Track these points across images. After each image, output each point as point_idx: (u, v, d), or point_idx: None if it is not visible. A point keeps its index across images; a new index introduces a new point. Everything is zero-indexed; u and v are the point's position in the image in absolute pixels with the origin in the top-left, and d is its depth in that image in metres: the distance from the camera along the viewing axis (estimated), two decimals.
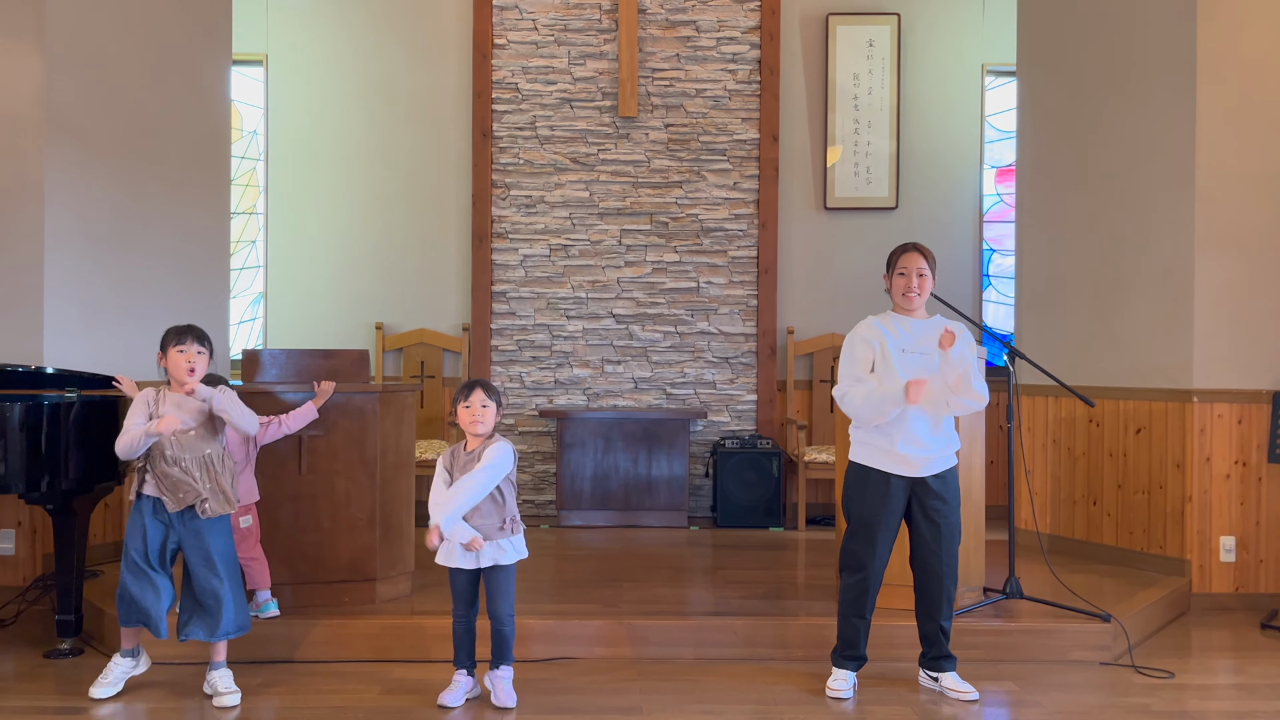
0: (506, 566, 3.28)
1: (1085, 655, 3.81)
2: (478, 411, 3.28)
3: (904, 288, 3.42)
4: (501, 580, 3.27)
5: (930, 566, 3.40)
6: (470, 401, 3.29)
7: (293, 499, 3.97)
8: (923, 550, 3.41)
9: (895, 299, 3.47)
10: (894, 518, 3.40)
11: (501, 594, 3.27)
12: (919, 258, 3.42)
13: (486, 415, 3.28)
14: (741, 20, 6.32)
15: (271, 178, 6.46)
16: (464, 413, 3.30)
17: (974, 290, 6.49)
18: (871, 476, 3.39)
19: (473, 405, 3.28)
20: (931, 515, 3.38)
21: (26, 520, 4.54)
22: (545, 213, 6.33)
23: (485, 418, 3.28)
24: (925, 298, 3.46)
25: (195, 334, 3.33)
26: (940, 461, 3.41)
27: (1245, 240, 4.61)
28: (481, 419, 3.27)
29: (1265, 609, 4.54)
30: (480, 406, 3.28)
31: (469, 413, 3.29)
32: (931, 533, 3.39)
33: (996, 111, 6.53)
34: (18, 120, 4.51)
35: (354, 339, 6.34)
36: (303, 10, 6.39)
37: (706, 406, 6.32)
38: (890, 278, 3.46)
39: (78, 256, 4.66)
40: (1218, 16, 4.60)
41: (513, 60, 6.30)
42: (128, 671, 3.41)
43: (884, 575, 3.44)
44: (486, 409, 3.28)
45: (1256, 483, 4.64)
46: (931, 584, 3.41)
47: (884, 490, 3.37)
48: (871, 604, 3.42)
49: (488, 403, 3.29)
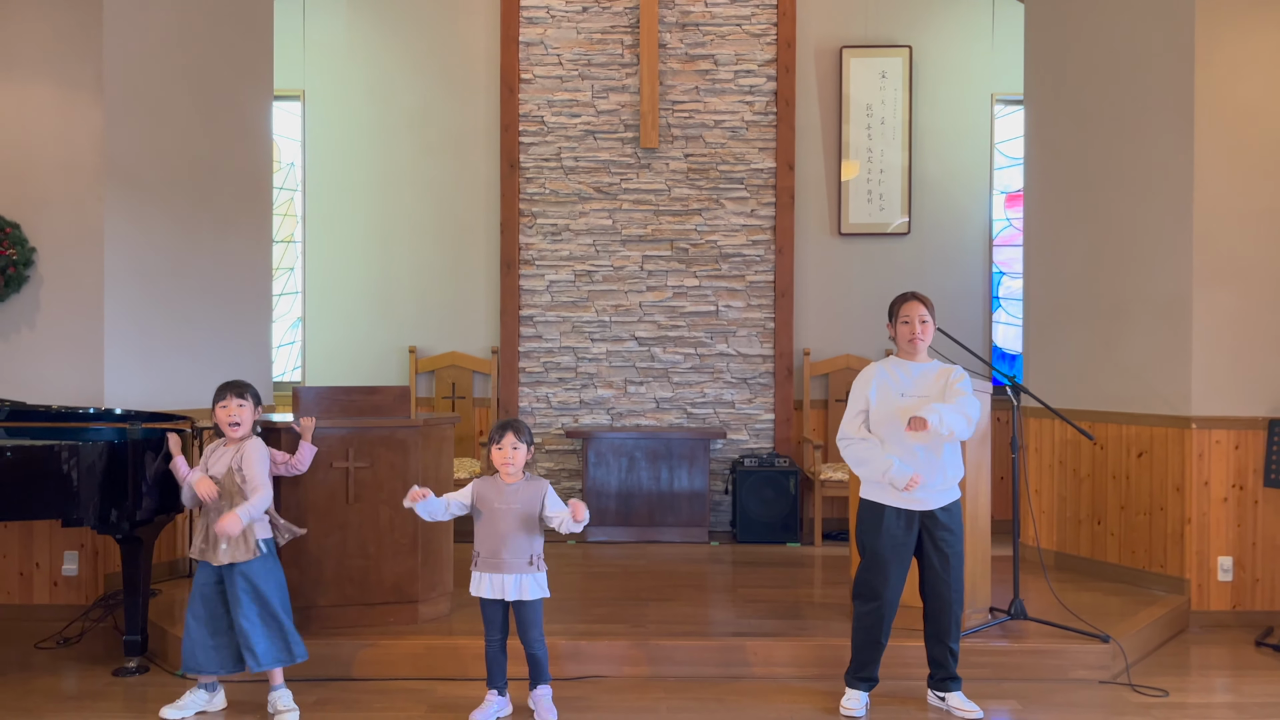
0: (531, 601, 3.55)
1: (1085, 674, 4.04)
2: (509, 454, 3.54)
3: (908, 335, 3.66)
4: (529, 611, 3.55)
5: (940, 594, 3.64)
6: (502, 444, 3.55)
7: (341, 527, 4.25)
8: (932, 578, 3.65)
9: (900, 345, 3.71)
10: (905, 550, 3.63)
11: (530, 623, 3.55)
12: (919, 306, 3.66)
13: (516, 457, 3.55)
14: (758, 54, 6.56)
15: (309, 207, 6.75)
16: (496, 454, 3.56)
17: (984, 312, 6.71)
18: (884, 512, 3.63)
19: (504, 448, 3.55)
20: (940, 546, 3.62)
21: (89, 543, 4.85)
22: (570, 240, 6.59)
23: (515, 459, 3.55)
24: (928, 341, 3.71)
25: (234, 389, 3.69)
26: (946, 495, 3.65)
27: (1241, 274, 4.82)
28: (512, 460, 3.55)
29: (1261, 626, 4.75)
30: (511, 449, 3.54)
31: (501, 454, 3.55)
32: (940, 562, 3.63)
33: (1005, 139, 6.75)
34: (79, 169, 4.81)
35: (388, 361, 6.63)
36: (338, 47, 6.68)
37: (726, 426, 6.57)
38: (894, 326, 3.71)
39: (134, 296, 4.96)
40: (1215, 61, 4.80)
41: (539, 94, 6.57)
42: (200, 705, 3.68)
43: (896, 604, 3.67)
44: (517, 450, 3.55)
45: (1253, 505, 4.86)
46: (941, 610, 3.65)
47: (895, 524, 3.61)
48: (887, 631, 3.65)
49: (518, 444, 3.55)
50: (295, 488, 4.16)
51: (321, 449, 4.15)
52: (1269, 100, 4.82)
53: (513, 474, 3.57)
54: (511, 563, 3.52)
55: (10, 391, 4.71)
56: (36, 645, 4.43)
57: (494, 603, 3.57)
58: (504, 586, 3.52)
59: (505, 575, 3.52)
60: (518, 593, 3.52)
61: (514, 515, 3.53)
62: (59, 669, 4.18)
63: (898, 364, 3.70)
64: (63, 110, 4.81)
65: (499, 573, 3.52)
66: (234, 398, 3.67)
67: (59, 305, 4.81)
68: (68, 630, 4.54)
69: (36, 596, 4.83)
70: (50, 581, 4.84)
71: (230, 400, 3.66)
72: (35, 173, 4.80)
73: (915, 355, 3.70)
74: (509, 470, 3.56)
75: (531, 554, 3.55)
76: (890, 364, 3.71)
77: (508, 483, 3.58)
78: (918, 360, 3.70)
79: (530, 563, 3.54)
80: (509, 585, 3.52)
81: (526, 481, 3.58)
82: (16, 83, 4.80)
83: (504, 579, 3.52)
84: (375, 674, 4.02)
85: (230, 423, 3.65)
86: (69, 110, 4.81)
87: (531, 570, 3.54)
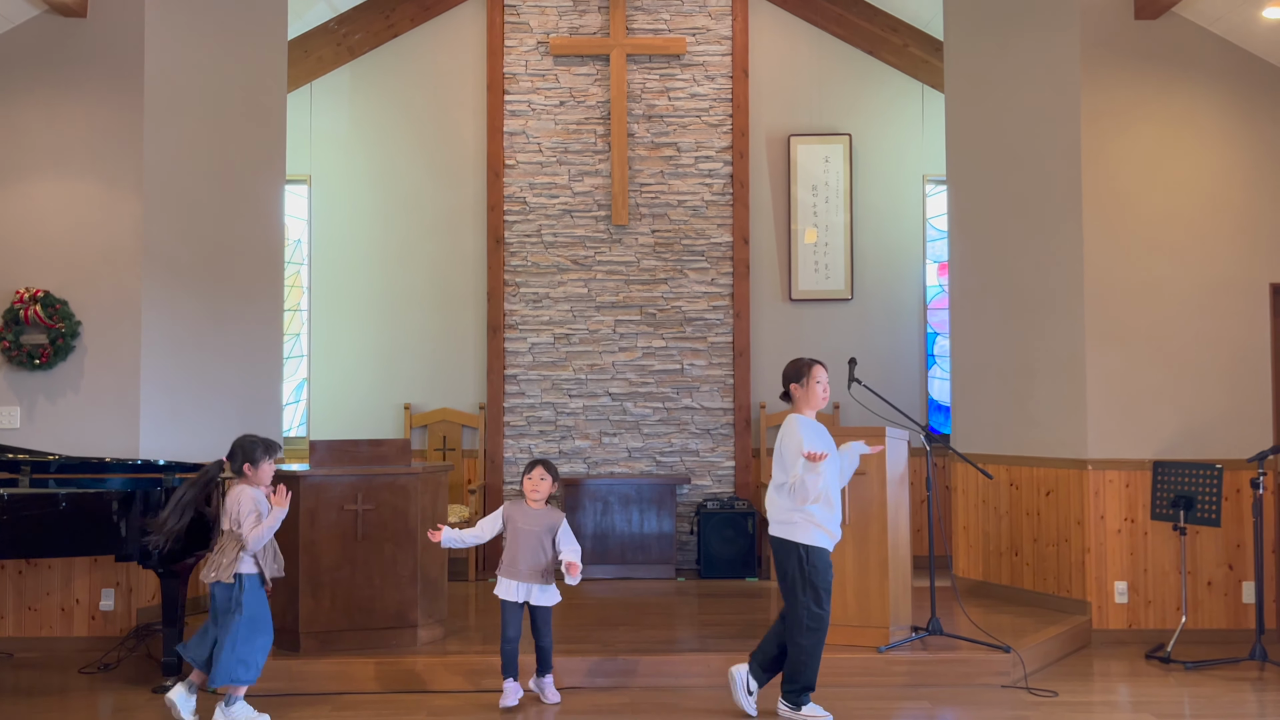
0: (546, 606, 4.39)
1: (989, 680, 4.73)
2: (536, 483, 4.43)
3: (824, 393, 4.30)
4: (543, 612, 4.41)
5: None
6: (532, 475, 4.45)
7: (350, 561, 4.92)
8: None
9: (814, 403, 4.31)
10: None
11: (543, 621, 4.41)
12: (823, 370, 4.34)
13: (543, 486, 4.43)
14: (716, 141, 7.40)
15: (314, 278, 7.49)
16: (527, 482, 4.45)
17: (920, 369, 7.49)
18: (826, 554, 4.22)
19: (534, 478, 4.44)
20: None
21: (124, 580, 5.48)
22: (550, 306, 7.35)
23: (541, 488, 4.43)
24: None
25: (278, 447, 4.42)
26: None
27: (1126, 337, 5.62)
28: (538, 489, 4.42)
29: (1154, 642, 5.45)
30: (539, 479, 4.43)
31: (530, 483, 4.44)
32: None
33: (935, 214, 7.59)
34: (120, 253, 5.52)
35: (385, 417, 7.33)
36: (341, 136, 7.47)
37: (691, 472, 7.29)
38: (808, 384, 4.26)
39: (166, 363, 5.65)
40: (1098, 160, 5.65)
41: (521, 178, 7.37)
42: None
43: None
44: (544, 481, 4.44)
45: (1143, 536, 5.59)
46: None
47: (829, 559, 4.24)
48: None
49: (545, 476, 4.45)
50: (311, 526, 4.84)
51: (332, 493, 4.85)
52: (1144, 190, 5.66)
53: (537, 500, 4.42)
54: (527, 571, 4.34)
55: (58, 446, 5.38)
56: (80, 670, 5.05)
57: (513, 604, 4.36)
58: (521, 591, 4.34)
59: (521, 583, 4.34)
60: (530, 596, 4.35)
61: (534, 535, 4.38)
62: (101, 690, 4.79)
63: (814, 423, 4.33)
64: (107, 202, 5.53)
65: (517, 580, 4.34)
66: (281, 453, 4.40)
67: (101, 371, 5.50)
68: (106, 657, 5.16)
69: (76, 629, 5.44)
70: (89, 616, 5.46)
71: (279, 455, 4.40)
72: (82, 256, 5.52)
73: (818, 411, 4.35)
74: (535, 496, 4.41)
75: (544, 567, 4.36)
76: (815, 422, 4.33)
77: (532, 508, 4.41)
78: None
79: (543, 575, 4.36)
80: (524, 590, 4.34)
81: (547, 510, 4.44)
82: (67, 178, 5.54)
83: (520, 585, 4.35)
84: (380, 688, 4.67)
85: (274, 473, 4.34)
86: (112, 202, 5.54)
87: (545, 580, 4.37)
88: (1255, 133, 5.68)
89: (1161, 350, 5.61)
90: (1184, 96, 5.68)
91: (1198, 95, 5.68)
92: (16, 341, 5.39)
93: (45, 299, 5.41)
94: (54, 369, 5.47)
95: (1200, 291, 5.62)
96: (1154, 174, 5.66)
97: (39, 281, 5.48)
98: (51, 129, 5.55)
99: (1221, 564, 5.56)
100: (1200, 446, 5.55)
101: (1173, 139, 5.67)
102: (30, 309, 5.37)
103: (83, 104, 5.55)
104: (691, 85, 7.40)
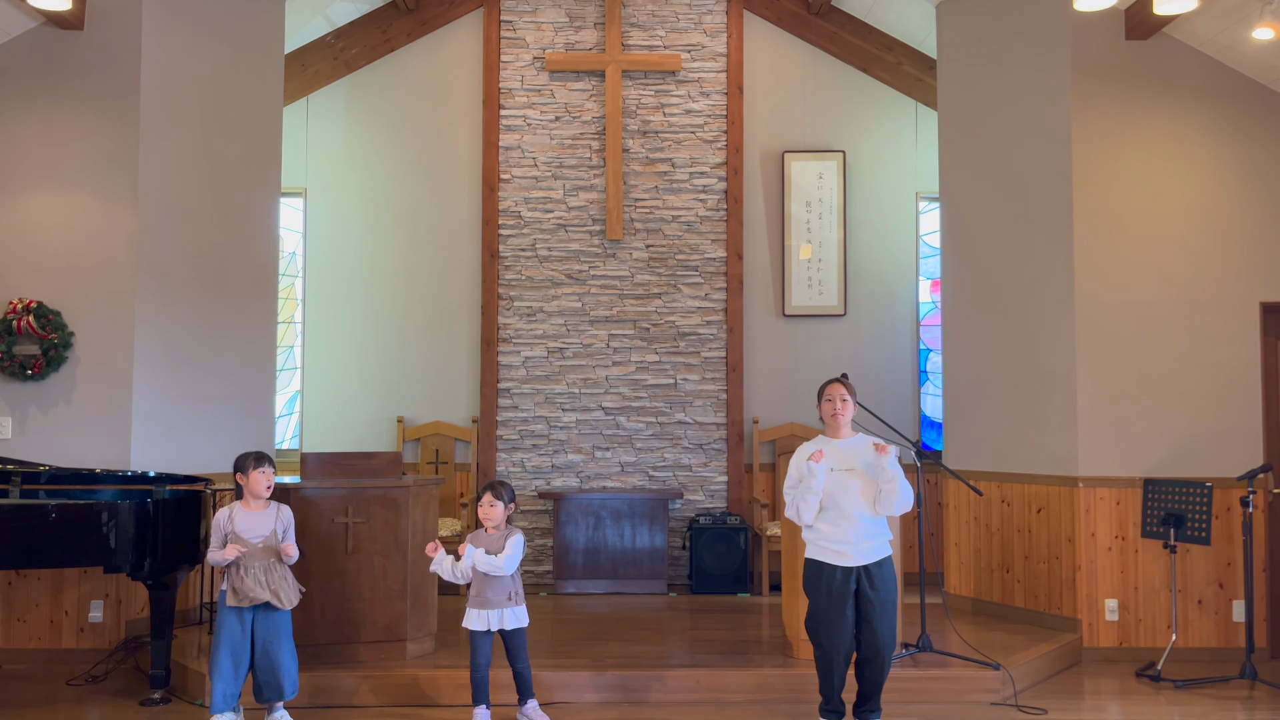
0: (517, 629, 4.29)
1: (979, 697, 4.74)
2: (487, 510, 4.35)
3: (830, 411, 4.32)
4: (516, 637, 4.31)
5: (869, 640, 4.16)
6: (482, 503, 4.37)
7: (340, 574, 4.91)
8: (865, 626, 4.16)
9: (825, 421, 4.37)
10: (843, 600, 4.17)
11: (517, 646, 4.32)
12: (841, 388, 4.35)
13: (493, 512, 4.34)
14: (710, 157, 7.43)
15: (308, 291, 7.50)
16: (479, 509, 4.36)
17: (914, 385, 7.51)
18: (823, 569, 4.23)
19: (484, 505, 4.36)
20: (872, 596, 4.16)
21: (113, 592, 5.47)
22: (544, 320, 7.36)
23: (492, 514, 4.34)
24: (849, 417, 4.34)
25: (269, 458, 4.42)
26: (875, 552, 4.22)
27: (1116, 356, 5.64)
28: (489, 515, 4.34)
29: (1145, 660, 5.45)
30: (489, 505, 4.35)
31: (481, 510, 4.36)
32: (870, 610, 4.15)
33: (929, 231, 7.62)
34: (116, 265, 5.54)
35: (378, 430, 7.33)
36: (337, 150, 7.50)
37: (683, 487, 7.29)
38: (820, 405, 4.36)
39: (159, 374, 5.66)
40: (1089, 179, 5.69)
41: (516, 192, 7.40)
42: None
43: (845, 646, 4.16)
44: (494, 507, 4.34)
45: (1134, 554, 5.60)
46: (872, 654, 4.17)
47: (833, 578, 4.19)
48: (839, 672, 4.18)
49: (495, 502, 4.34)
50: (301, 539, 4.81)
51: (323, 506, 4.85)
52: (1134, 209, 5.69)
53: (495, 527, 4.32)
54: (494, 600, 4.27)
55: (49, 457, 5.37)
56: (67, 682, 5.03)
57: (483, 634, 4.29)
58: (491, 619, 4.26)
59: (491, 611, 4.27)
60: (501, 623, 4.27)
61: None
62: (89, 702, 4.78)
63: (825, 441, 4.33)
64: (102, 213, 5.55)
65: (486, 609, 4.27)
66: (269, 466, 4.37)
67: (93, 382, 5.50)
68: (95, 669, 5.14)
69: (65, 641, 5.42)
70: (77, 628, 5.44)
71: (268, 467, 4.37)
72: (77, 268, 5.53)
73: (838, 430, 4.33)
74: (489, 523, 4.34)
75: (511, 591, 4.29)
76: (818, 443, 4.32)
77: (490, 534, 4.32)
78: (841, 436, 4.33)
79: (509, 598, 4.28)
80: (495, 618, 4.27)
81: (505, 532, 4.33)
82: (62, 191, 5.56)
83: (490, 614, 4.27)
84: (371, 701, 4.66)
85: (267, 485, 4.35)
86: (107, 214, 5.55)
87: (512, 604, 4.29)
88: (1246, 152, 5.72)
89: (1152, 368, 5.63)
90: (1175, 116, 5.72)
91: (1188, 115, 5.72)
92: (9, 352, 5.39)
93: (39, 310, 5.42)
94: (46, 380, 5.47)
95: (1191, 310, 5.65)
96: (1145, 193, 5.70)
97: (32, 292, 5.49)
98: (47, 140, 5.57)
99: (1212, 582, 5.56)
100: (1191, 465, 5.56)
101: (1163, 158, 5.71)
102: (23, 319, 5.38)
103: (79, 116, 5.58)
104: (686, 101, 7.44)
